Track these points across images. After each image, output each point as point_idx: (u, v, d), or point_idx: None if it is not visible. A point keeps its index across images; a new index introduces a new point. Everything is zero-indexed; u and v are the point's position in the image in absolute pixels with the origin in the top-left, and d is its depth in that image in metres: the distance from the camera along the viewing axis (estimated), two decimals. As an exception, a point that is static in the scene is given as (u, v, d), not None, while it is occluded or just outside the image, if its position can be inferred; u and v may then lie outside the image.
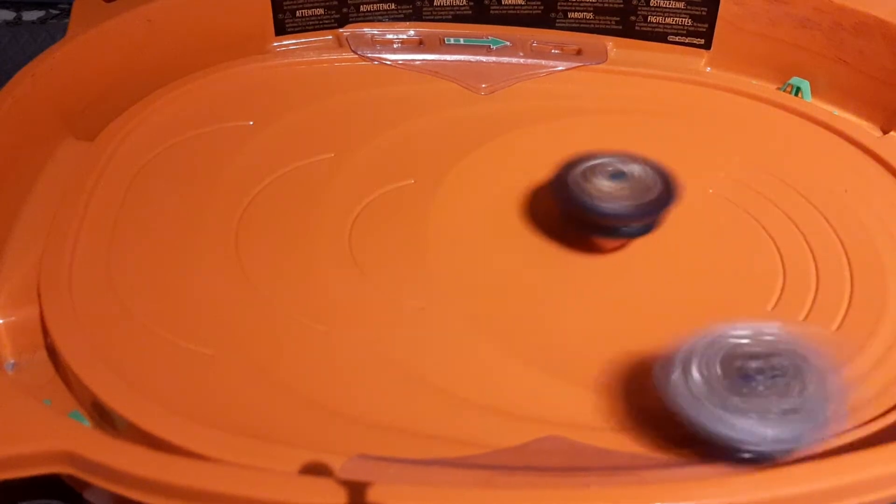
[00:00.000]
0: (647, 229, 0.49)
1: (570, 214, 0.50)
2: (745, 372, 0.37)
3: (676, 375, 0.38)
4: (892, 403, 0.42)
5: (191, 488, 0.33)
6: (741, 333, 0.39)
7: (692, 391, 0.37)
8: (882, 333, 0.46)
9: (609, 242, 0.50)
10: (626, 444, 0.40)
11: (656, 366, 0.39)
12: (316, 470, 0.37)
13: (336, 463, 0.37)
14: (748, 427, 0.36)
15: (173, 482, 0.33)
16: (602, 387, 0.43)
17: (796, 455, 0.36)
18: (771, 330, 0.39)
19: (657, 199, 0.48)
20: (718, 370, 0.38)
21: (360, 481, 0.33)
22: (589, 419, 0.41)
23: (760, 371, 0.37)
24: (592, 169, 0.49)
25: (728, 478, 0.35)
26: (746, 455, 0.36)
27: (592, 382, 0.43)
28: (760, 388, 0.37)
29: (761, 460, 0.36)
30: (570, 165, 0.50)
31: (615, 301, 0.48)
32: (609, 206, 0.48)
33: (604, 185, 0.49)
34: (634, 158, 0.50)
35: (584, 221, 0.49)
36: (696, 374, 0.37)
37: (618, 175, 0.49)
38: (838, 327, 0.47)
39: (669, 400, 0.37)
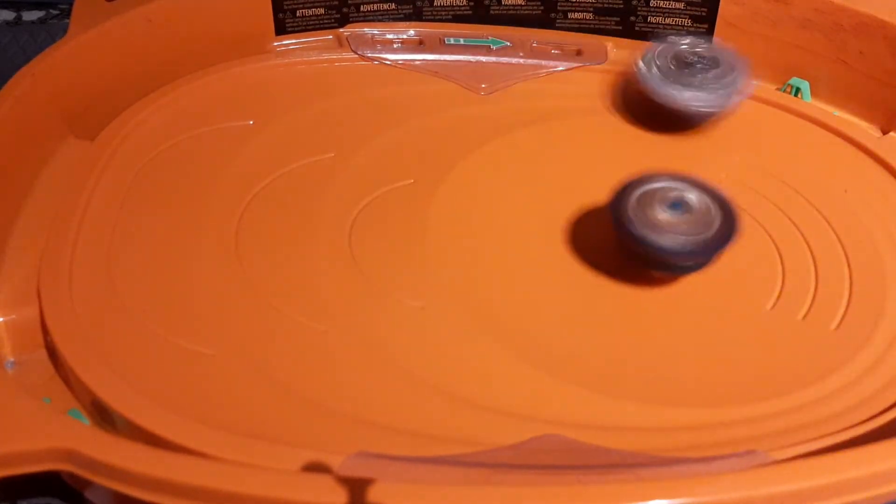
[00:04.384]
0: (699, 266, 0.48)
1: (627, 247, 0.48)
2: (686, 62, 0.60)
3: (647, 69, 0.60)
4: (891, 402, 0.42)
5: (190, 485, 0.34)
6: (685, 41, 0.62)
7: (656, 75, 0.60)
8: (881, 333, 0.46)
9: (663, 277, 0.49)
10: (625, 444, 0.40)
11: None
12: (315, 468, 0.37)
13: (335, 461, 0.37)
14: (692, 94, 0.58)
15: (172, 479, 0.34)
16: (601, 386, 0.43)
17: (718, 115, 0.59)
18: (700, 41, 0.63)
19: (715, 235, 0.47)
20: (671, 63, 0.60)
21: (358, 478, 0.34)
22: (588, 419, 0.41)
23: (695, 62, 0.60)
24: (650, 195, 0.48)
25: (725, 475, 0.35)
26: (705, 110, 0.59)
27: (592, 382, 0.43)
28: (696, 71, 0.59)
29: (705, 118, 0.59)
30: (627, 189, 0.49)
31: (615, 301, 0.49)
32: (665, 241, 0.46)
33: (662, 216, 0.47)
34: (695, 185, 0.49)
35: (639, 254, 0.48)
36: (655, 66, 0.60)
37: (677, 205, 0.48)
38: (837, 326, 0.47)
39: (643, 85, 0.60)
